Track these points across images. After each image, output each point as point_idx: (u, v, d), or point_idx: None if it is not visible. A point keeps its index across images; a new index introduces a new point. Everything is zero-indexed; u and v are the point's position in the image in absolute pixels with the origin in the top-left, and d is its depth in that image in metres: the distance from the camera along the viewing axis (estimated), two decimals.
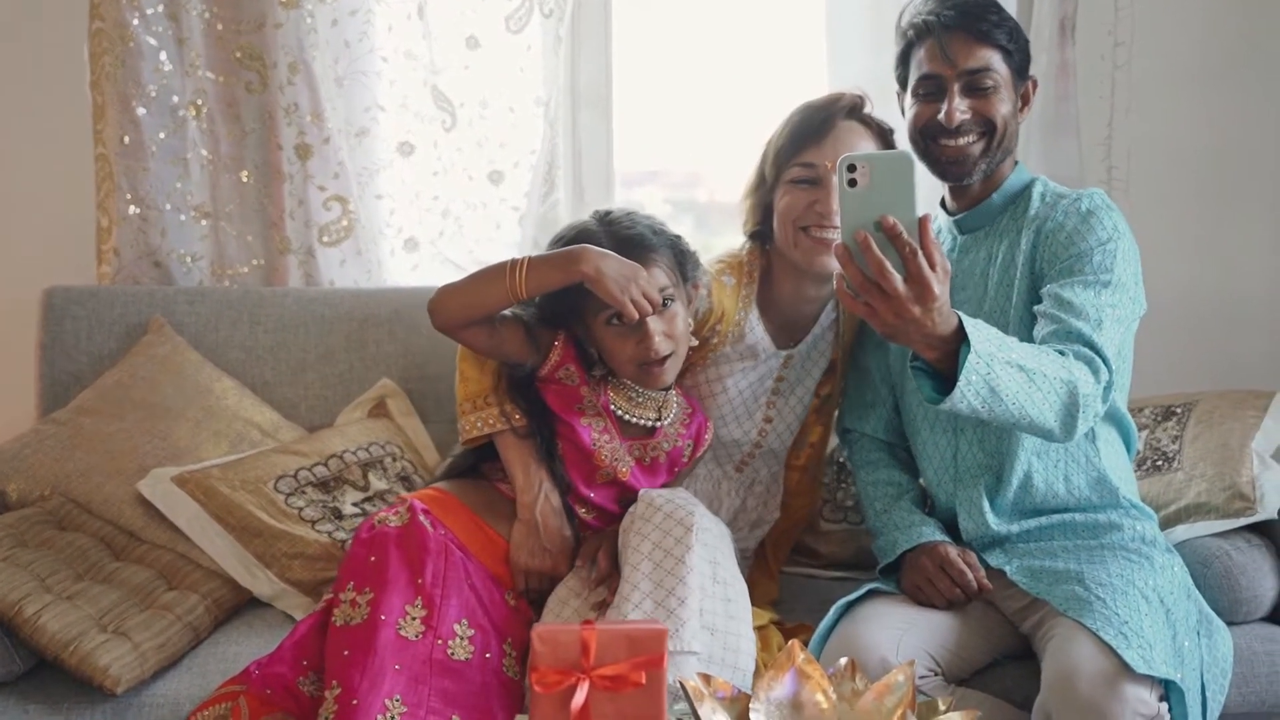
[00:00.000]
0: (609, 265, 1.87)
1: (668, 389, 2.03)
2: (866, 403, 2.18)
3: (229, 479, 2.18)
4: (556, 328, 1.98)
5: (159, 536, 2.17)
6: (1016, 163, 2.04)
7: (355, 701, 1.68)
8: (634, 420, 2.00)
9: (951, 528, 2.03)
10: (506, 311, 1.96)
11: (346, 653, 1.73)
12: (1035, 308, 1.89)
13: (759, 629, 2.03)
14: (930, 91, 1.97)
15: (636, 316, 1.88)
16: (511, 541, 1.94)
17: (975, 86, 1.94)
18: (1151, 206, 2.80)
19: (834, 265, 1.99)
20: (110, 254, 2.64)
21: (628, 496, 1.98)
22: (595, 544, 1.95)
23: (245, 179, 2.67)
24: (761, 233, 2.11)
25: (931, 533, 1.99)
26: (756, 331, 2.11)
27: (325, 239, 2.67)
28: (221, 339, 2.51)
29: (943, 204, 2.10)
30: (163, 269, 2.66)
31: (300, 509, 2.18)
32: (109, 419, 2.30)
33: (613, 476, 1.99)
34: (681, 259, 2.00)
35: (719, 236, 2.86)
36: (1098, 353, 1.79)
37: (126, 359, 2.42)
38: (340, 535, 2.16)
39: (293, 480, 2.22)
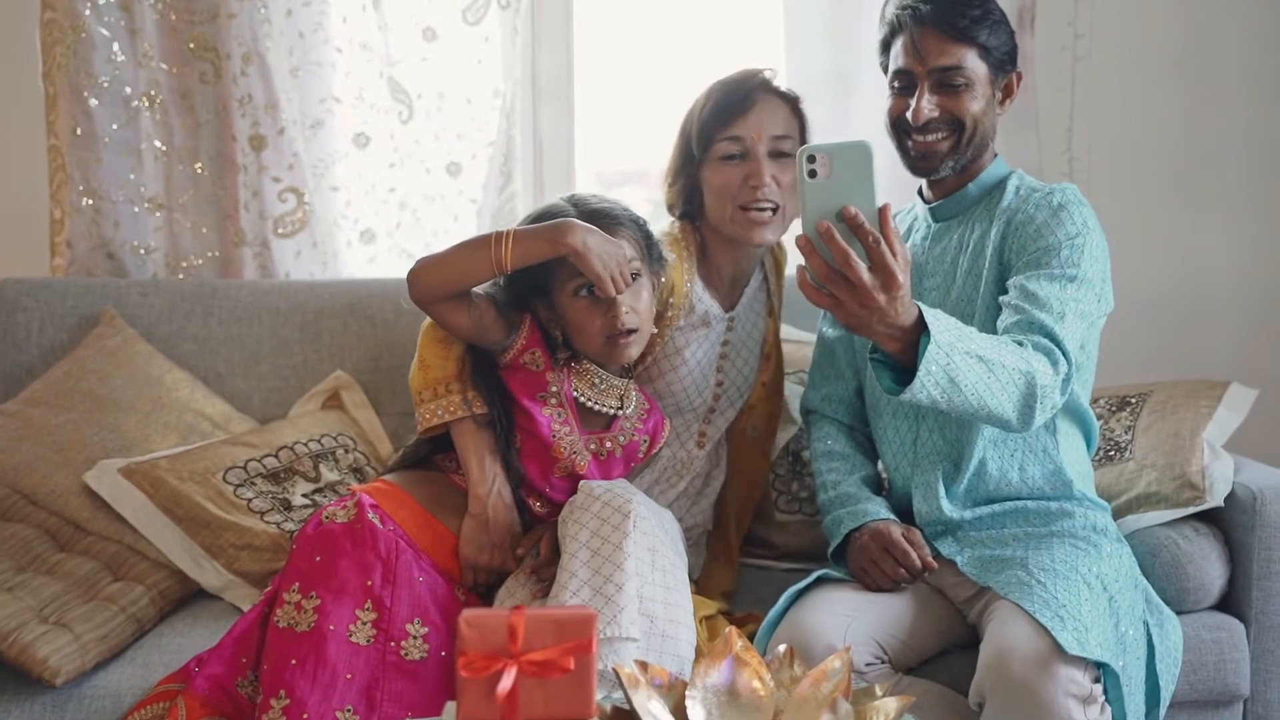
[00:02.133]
0: (594, 240, 1.86)
1: (630, 376, 2.03)
2: (830, 383, 2.18)
3: (177, 470, 2.16)
4: (521, 309, 1.96)
5: (106, 528, 2.16)
6: (996, 155, 2.03)
7: (305, 716, 1.67)
8: (597, 407, 1.99)
9: (906, 512, 2.03)
10: (479, 289, 1.93)
11: (294, 661, 1.71)
12: (1000, 298, 1.89)
13: (707, 619, 2.03)
14: (904, 86, 1.97)
15: (613, 293, 1.88)
16: (461, 535, 1.93)
17: (946, 84, 1.93)
18: (1112, 199, 2.81)
19: (770, 237, 2.08)
20: (63, 246, 2.62)
21: None
22: (539, 532, 1.94)
23: (199, 170, 2.66)
24: (689, 211, 2.13)
25: (877, 511, 1.98)
26: (705, 300, 2.13)
27: (280, 230, 2.66)
28: (174, 331, 2.49)
29: (920, 192, 2.09)
30: (116, 261, 2.64)
31: (249, 500, 2.17)
32: (57, 410, 2.28)
33: (570, 470, 1.97)
34: (648, 241, 2.00)
35: None
36: (1058, 344, 1.78)
37: (77, 351, 2.40)
38: (289, 526, 2.14)
39: (242, 471, 2.21)
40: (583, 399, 1.98)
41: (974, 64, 1.93)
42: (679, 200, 2.13)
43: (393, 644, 1.75)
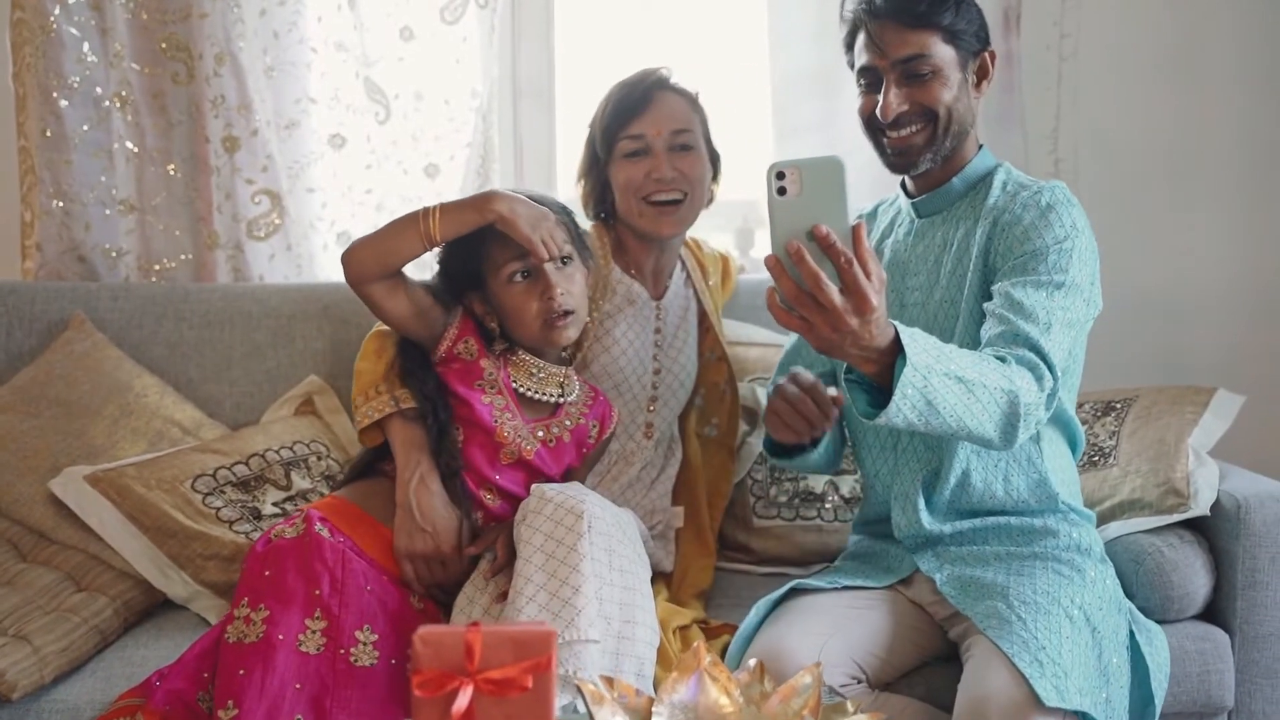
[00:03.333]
0: (520, 206, 1.89)
1: (568, 364, 2.04)
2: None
3: (144, 478, 2.13)
4: (455, 301, 1.98)
5: (70, 537, 2.12)
6: (981, 146, 1.97)
7: None
8: (538, 396, 1.99)
9: (885, 523, 2.00)
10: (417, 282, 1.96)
11: (242, 672, 1.68)
12: (985, 305, 1.83)
13: (682, 629, 2.00)
14: (870, 83, 1.91)
15: (545, 256, 1.89)
16: (394, 528, 1.91)
17: (912, 74, 1.87)
18: (1098, 199, 2.77)
19: (678, 228, 2.14)
20: (33, 249, 2.59)
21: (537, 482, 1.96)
22: (493, 534, 1.91)
23: (172, 172, 2.62)
24: (603, 211, 2.23)
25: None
26: (625, 280, 2.20)
27: (255, 233, 2.63)
28: (145, 335, 2.45)
29: (903, 186, 2.03)
30: (87, 264, 2.61)
31: (218, 509, 2.13)
32: (23, 416, 2.25)
33: (518, 456, 1.96)
34: (577, 230, 2.03)
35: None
36: (1043, 358, 1.73)
37: (44, 356, 2.36)
38: (258, 536, 2.10)
39: (211, 479, 2.17)
40: (523, 389, 1.98)
41: (939, 49, 1.87)
42: (591, 200, 2.23)
43: (342, 651, 1.73)
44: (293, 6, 2.60)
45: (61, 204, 2.57)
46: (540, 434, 1.99)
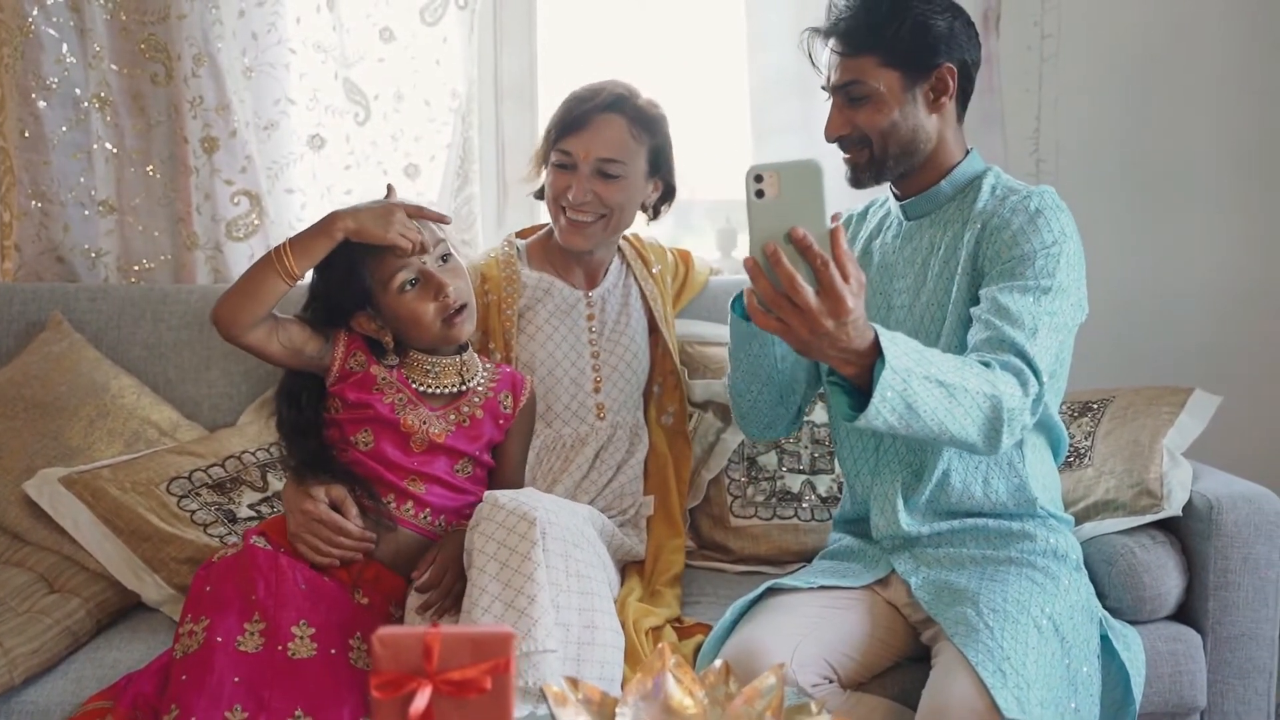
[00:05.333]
0: (363, 213, 1.93)
1: (465, 348, 2.06)
2: None
3: (119, 480, 2.13)
4: (336, 325, 2.00)
5: (44, 539, 2.13)
6: (970, 150, 1.97)
7: (194, 719, 1.65)
8: (438, 390, 2.02)
9: (865, 524, 2.00)
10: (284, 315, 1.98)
11: (184, 677, 1.71)
12: (972, 310, 1.83)
13: (654, 630, 1.99)
14: (829, 100, 1.94)
15: (409, 246, 1.92)
16: None
17: (851, 98, 1.89)
18: (1079, 201, 2.74)
19: (582, 244, 2.21)
20: (12, 250, 2.59)
21: (464, 467, 2.02)
22: (433, 553, 1.94)
23: (151, 173, 2.62)
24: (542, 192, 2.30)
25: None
26: (532, 276, 2.29)
27: (234, 234, 2.63)
28: (123, 336, 2.45)
29: (892, 188, 2.03)
30: (66, 265, 2.61)
31: (193, 512, 2.13)
32: None
33: (427, 440, 1.99)
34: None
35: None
36: (1029, 363, 1.73)
37: (21, 357, 2.36)
38: (233, 539, 2.11)
39: (187, 482, 2.17)
40: (422, 388, 2.01)
41: (878, 74, 1.87)
42: (540, 184, 2.30)
43: (280, 647, 1.75)
44: (271, 7, 2.59)
45: (40, 205, 2.58)
46: (452, 417, 2.02)
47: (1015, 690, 1.62)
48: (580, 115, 2.17)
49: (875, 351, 1.58)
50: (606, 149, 2.16)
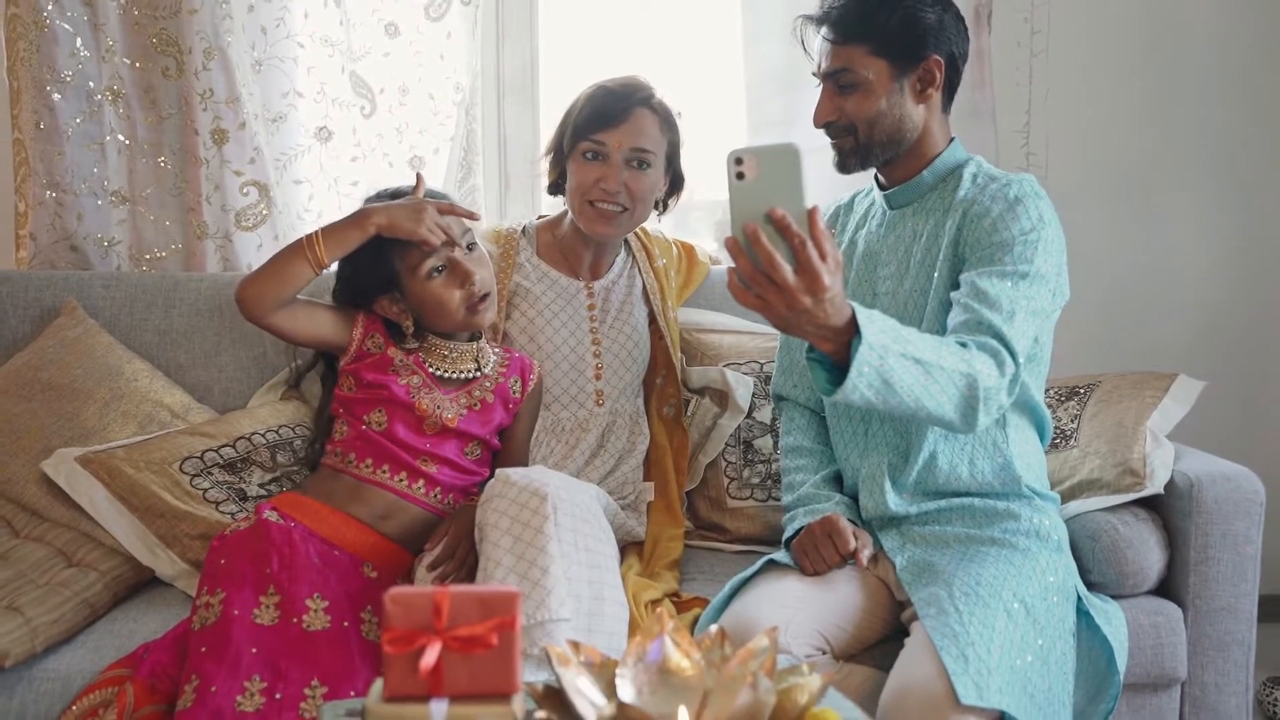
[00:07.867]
0: (395, 210, 2.01)
1: (480, 337, 2.14)
2: (797, 369, 2.19)
3: (134, 459, 2.19)
4: (359, 306, 2.09)
5: (62, 515, 2.18)
6: (953, 139, 2.02)
7: (214, 689, 1.72)
8: (454, 375, 2.10)
9: (856, 504, 2.05)
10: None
11: (204, 649, 1.78)
12: (951, 294, 1.88)
13: (653, 603, 2.05)
14: (820, 86, 2.00)
15: (438, 242, 1.99)
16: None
17: (840, 85, 1.95)
18: (1069, 194, 2.84)
19: (611, 234, 2.26)
20: (27, 239, 2.64)
21: (473, 449, 2.10)
22: (444, 527, 2.00)
23: (163, 163, 2.68)
24: (560, 192, 2.35)
25: (832, 508, 2.00)
26: (532, 261, 2.35)
27: (243, 223, 2.68)
28: (136, 322, 2.51)
29: (876, 178, 2.08)
30: (80, 253, 2.67)
31: (205, 490, 2.19)
32: (16, 400, 2.31)
33: (439, 425, 2.06)
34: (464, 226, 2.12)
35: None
36: (1005, 344, 1.78)
37: (37, 341, 2.42)
38: (244, 515, 2.16)
39: (199, 461, 2.23)
40: (439, 372, 2.08)
41: (866, 63, 1.93)
42: (550, 174, 2.35)
43: (295, 620, 1.82)
44: (280, 2, 2.65)
45: (55, 195, 2.63)
46: (464, 401, 2.10)
47: (976, 676, 1.67)
48: (619, 109, 2.20)
49: (853, 329, 1.64)
50: (641, 138, 2.21)
